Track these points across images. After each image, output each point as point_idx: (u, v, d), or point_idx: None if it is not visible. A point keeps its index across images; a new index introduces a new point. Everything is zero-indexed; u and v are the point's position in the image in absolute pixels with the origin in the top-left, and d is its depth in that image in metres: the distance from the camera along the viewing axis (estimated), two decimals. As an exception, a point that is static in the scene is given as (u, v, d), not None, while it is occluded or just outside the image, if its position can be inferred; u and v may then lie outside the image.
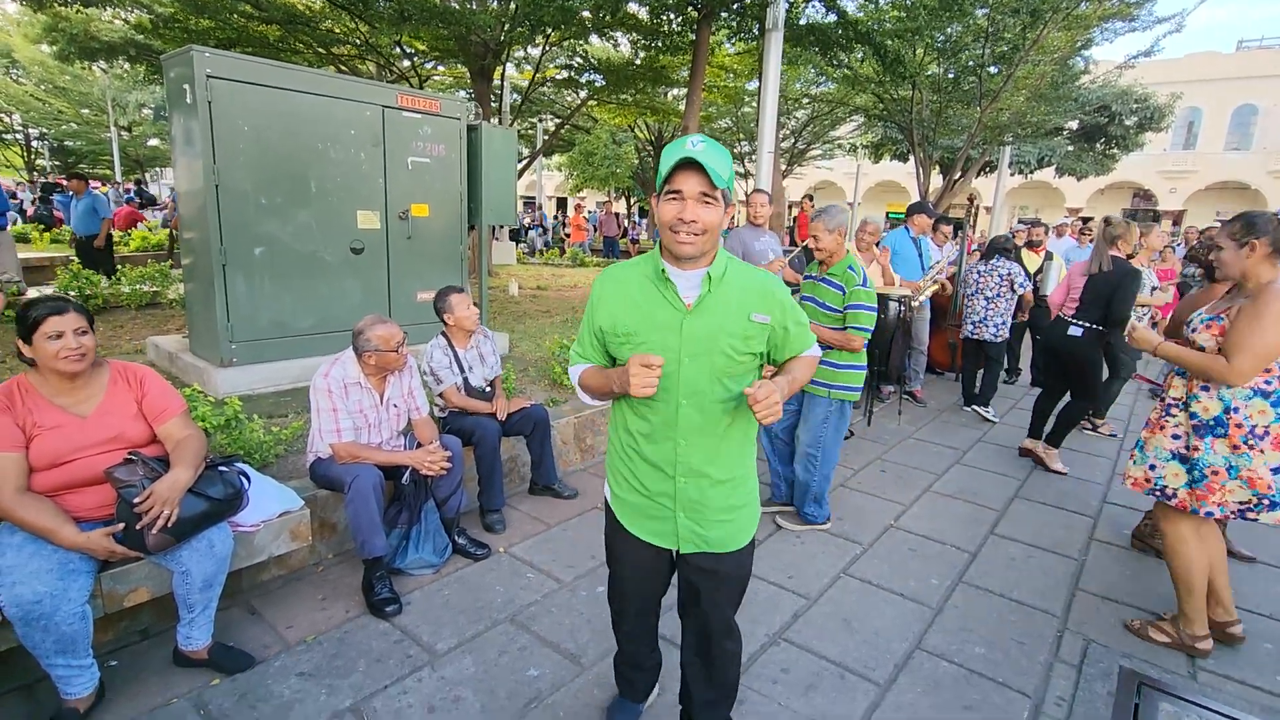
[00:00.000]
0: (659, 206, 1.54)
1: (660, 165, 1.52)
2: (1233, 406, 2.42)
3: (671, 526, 1.72)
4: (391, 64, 10.20)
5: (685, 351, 1.58)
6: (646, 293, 1.61)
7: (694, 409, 1.62)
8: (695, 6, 7.62)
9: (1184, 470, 2.53)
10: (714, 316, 1.58)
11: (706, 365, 1.59)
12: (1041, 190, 31.42)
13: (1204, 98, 28.45)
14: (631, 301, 1.62)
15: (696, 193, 1.48)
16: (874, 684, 2.36)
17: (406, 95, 4.67)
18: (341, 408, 2.71)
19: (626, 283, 1.65)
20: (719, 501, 1.69)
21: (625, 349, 1.62)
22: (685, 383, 1.60)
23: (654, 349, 1.58)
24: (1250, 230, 2.38)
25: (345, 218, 4.50)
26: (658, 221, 1.56)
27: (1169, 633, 2.65)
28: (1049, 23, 9.87)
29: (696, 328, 1.58)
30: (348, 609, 2.64)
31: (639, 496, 1.74)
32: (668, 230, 1.53)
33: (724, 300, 1.60)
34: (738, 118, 17.35)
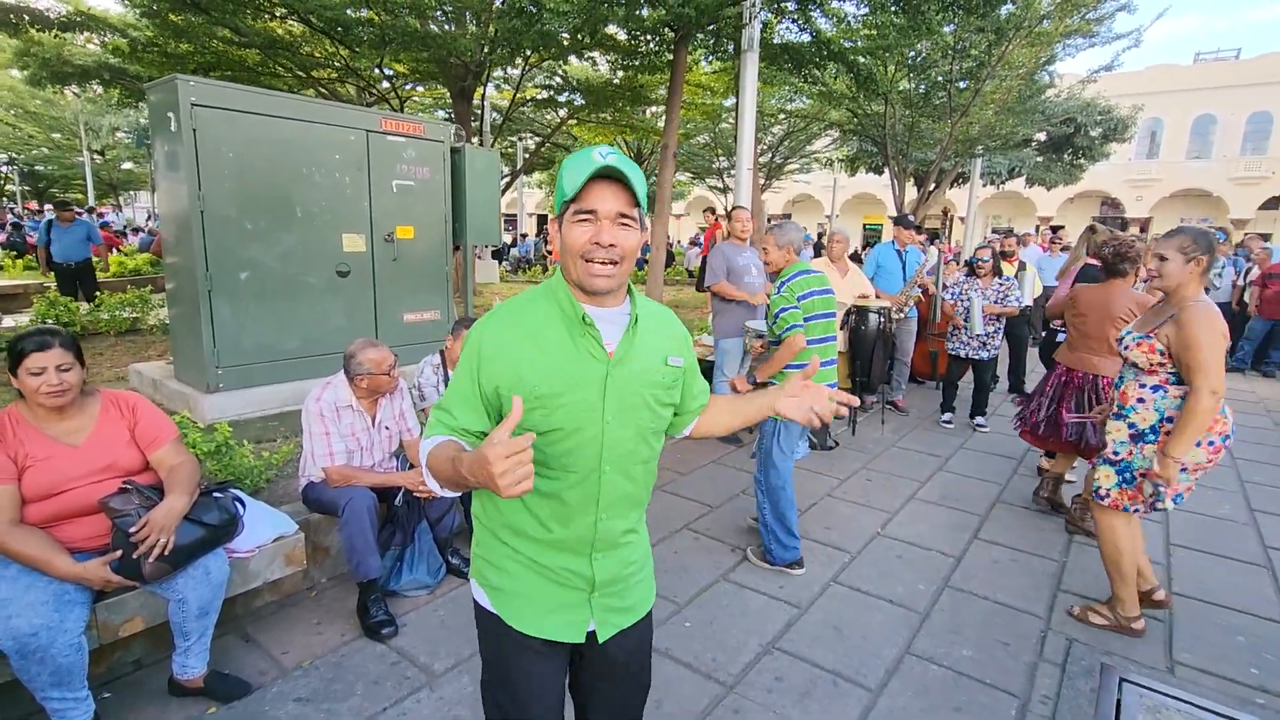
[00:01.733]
0: (563, 230, 1.24)
1: (562, 181, 1.22)
2: (1166, 416, 2.57)
3: (582, 614, 1.35)
4: (372, 86, 10.24)
5: (610, 410, 1.27)
6: (562, 342, 1.26)
7: (620, 475, 1.32)
8: (672, 28, 7.77)
9: (1114, 473, 2.71)
10: (636, 363, 1.30)
11: (633, 423, 1.30)
12: (1014, 200, 32.14)
13: (1165, 109, 29.37)
14: (544, 353, 1.24)
15: (614, 213, 1.20)
16: (866, 689, 2.41)
17: (390, 119, 4.72)
18: (334, 431, 2.73)
19: (530, 329, 1.27)
20: (632, 555, 1.41)
21: (537, 414, 1.23)
22: (610, 447, 1.28)
23: (573, 412, 1.25)
24: (1200, 247, 2.50)
25: (330, 241, 4.52)
26: (563, 249, 1.25)
27: (1105, 615, 2.84)
28: (1013, 39, 10.22)
29: (621, 379, 1.27)
30: (343, 632, 2.64)
31: (536, 578, 1.34)
32: (578, 259, 1.22)
33: (643, 343, 1.32)
34: (715, 134, 17.59)
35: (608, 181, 1.20)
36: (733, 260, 5.00)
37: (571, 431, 1.25)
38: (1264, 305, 8.18)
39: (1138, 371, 2.66)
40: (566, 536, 1.31)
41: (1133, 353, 2.63)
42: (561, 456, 1.27)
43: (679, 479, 4.38)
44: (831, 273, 5.51)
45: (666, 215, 8.74)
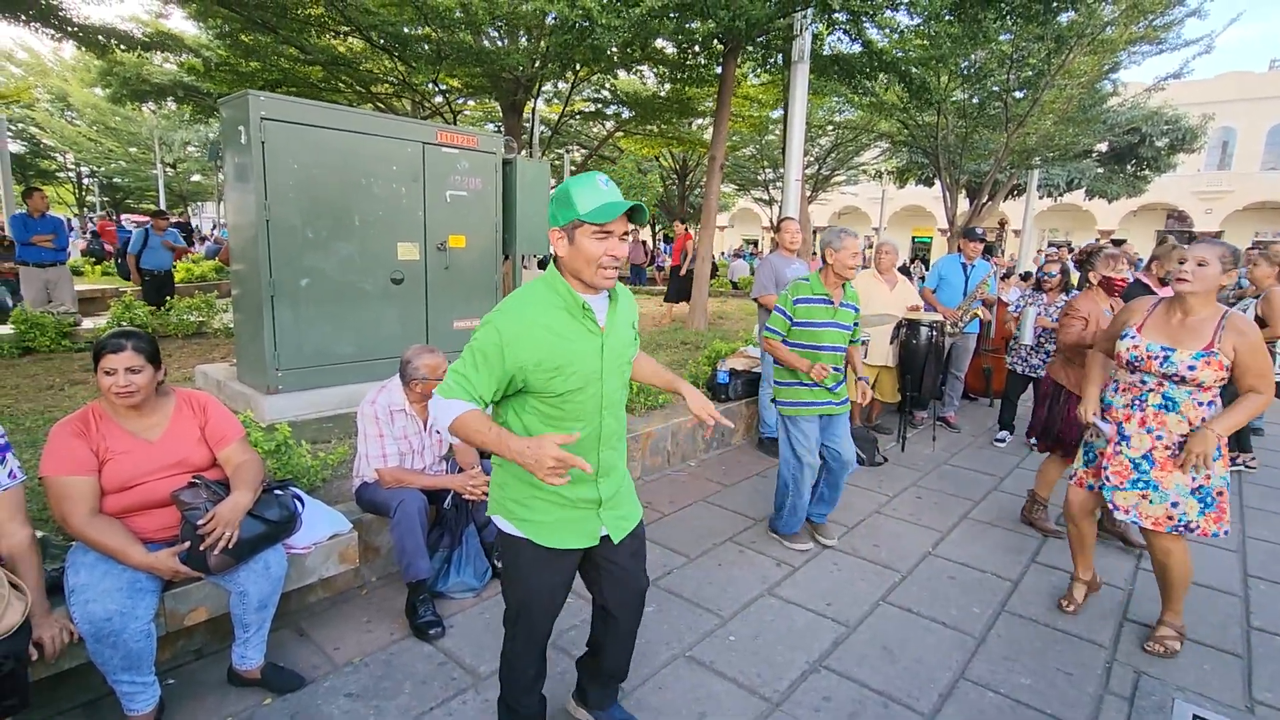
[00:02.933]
0: (579, 242, 1.59)
1: (575, 202, 1.56)
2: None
3: (595, 525, 1.83)
4: (426, 100, 10.56)
5: (606, 370, 1.73)
6: (567, 325, 1.66)
7: (612, 418, 1.81)
8: (722, 41, 7.79)
9: (1196, 501, 2.58)
10: (618, 331, 1.77)
11: (618, 377, 1.80)
12: (1071, 213, 31.05)
13: (1238, 117, 28.02)
14: (556, 335, 1.64)
15: (621, 231, 1.61)
16: (918, 714, 2.33)
17: (445, 132, 4.85)
18: (388, 434, 2.80)
19: (538, 318, 1.63)
20: (621, 476, 1.92)
21: (556, 381, 1.64)
22: (606, 397, 1.76)
23: (582, 375, 1.67)
24: (1233, 262, 2.55)
25: (386, 249, 4.65)
26: (576, 256, 1.61)
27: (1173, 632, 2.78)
28: (1074, 48, 9.90)
29: (611, 345, 1.74)
30: (392, 631, 2.69)
31: (558, 509, 1.78)
32: (594, 266, 1.60)
33: (620, 317, 1.79)
34: (761, 145, 17.53)
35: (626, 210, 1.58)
36: (781, 272, 4.95)
37: (580, 389, 1.69)
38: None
39: (1192, 390, 2.54)
40: (598, 470, 1.79)
41: (1203, 372, 2.49)
42: (575, 410, 1.71)
43: (722, 490, 4.34)
44: (880, 285, 5.41)
45: (713, 226, 8.73)
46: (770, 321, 3.49)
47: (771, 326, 3.47)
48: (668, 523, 3.85)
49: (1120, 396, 2.75)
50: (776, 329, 3.45)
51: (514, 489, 1.79)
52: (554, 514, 1.77)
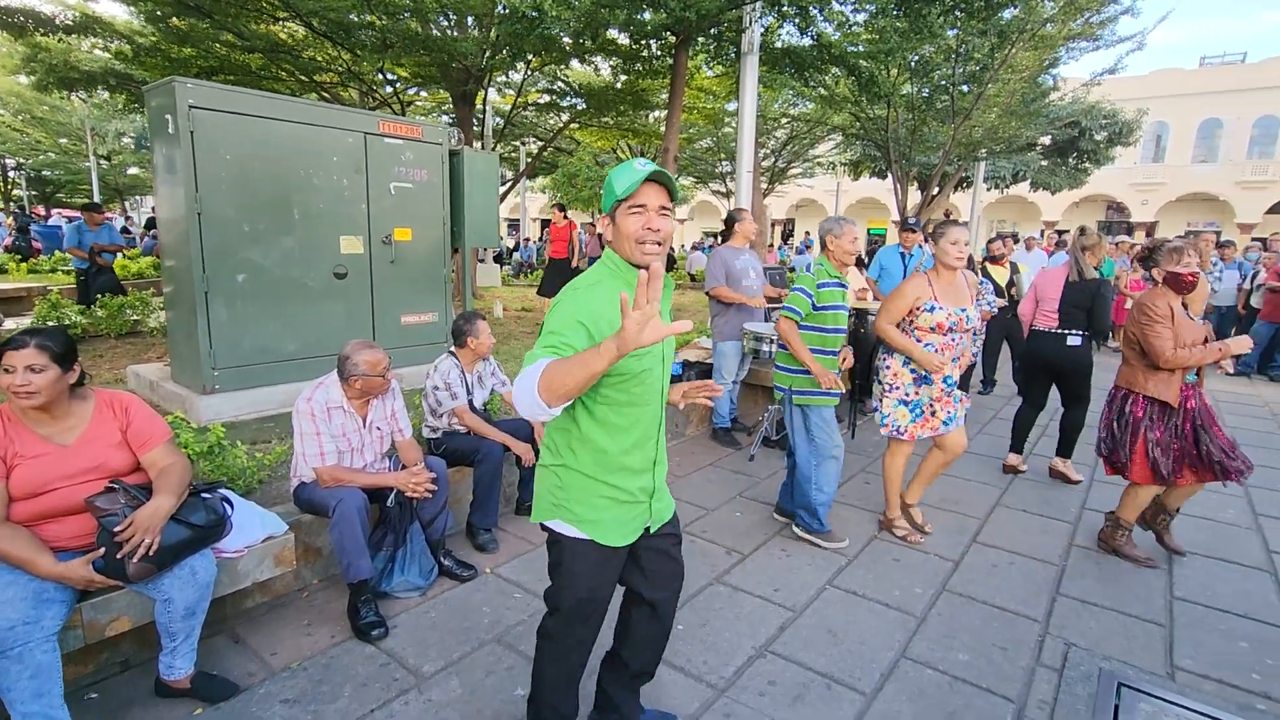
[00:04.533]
0: (619, 221, 1.61)
1: (614, 185, 1.59)
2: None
3: (645, 517, 1.84)
4: (373, 90, 10.29)
5: (665, 350, 1.75)
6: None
7: (661, 405, 1.80)
8: (673, 32, 7.78)
9: (908, 410, 3.45)
10: (666, 317, 1.72)
11: (666, 359, 1.78)
12: (1018, 204, 32.05)
13: (1170, 112, 29.28)
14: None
15: (657, 205, 1.59)
16: (860, 693, 2.38)
17: (388, 122, 4.73)
18: (324, 431, 2.72)
19: (610, 298, 1.59)
20: (665, 464, 1.92)
21: (631, 359, 1.60)
22: (663, 379, 1.76)
23: (652, 353, 1.67)
24: None
25: (328, 243, 4.52)
26: (619, 235, 1.62)
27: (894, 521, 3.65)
28: (1016, 43, 10.18)
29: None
30: (333, 634, 2.63)
31: (618, 506, 1.76)
32: (633, 242, 1.59)
33: (666, 298, 1.77)
34: (718, 138, 17.60)
35: (652, 183, 1.58)
36: (731, 264, 4.98)
37: (649, 370, 1.68)
38: (1268, 308, 8.12)
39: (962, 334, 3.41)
40: (643, 461, 1.77)
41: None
42: (641, 393, 1.69)
43: (676, 481, 4.36)
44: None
45: (667, 218, 8.73)
46: (792, 301, 3.38)
47: (793, 306, 3.37)
48: (620, 515, 3.85)
49: (945, 355, 3.39)
50: (797, 309, 3.36)
51: (578, 489, 1.73)
52: (614, 511, 1.75)
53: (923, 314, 3.36)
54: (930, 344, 3.40)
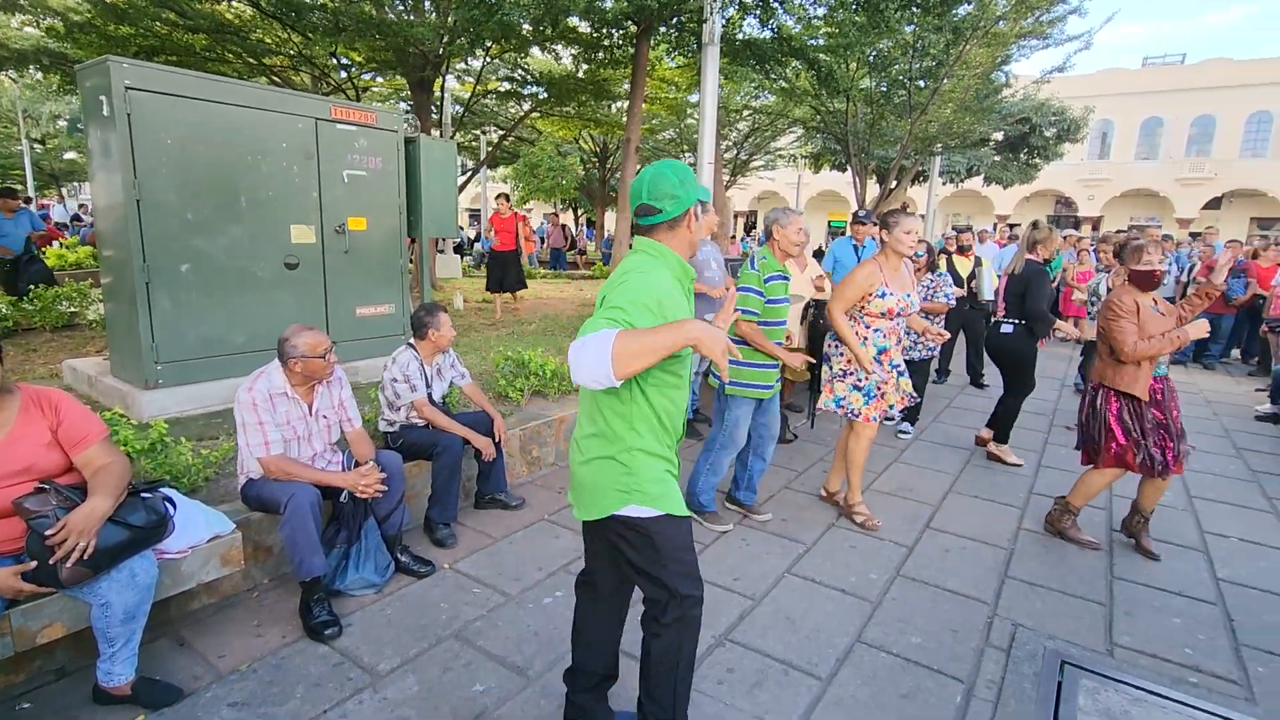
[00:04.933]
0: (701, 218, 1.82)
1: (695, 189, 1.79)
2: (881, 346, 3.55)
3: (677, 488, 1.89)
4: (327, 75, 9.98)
5: None
6: (680, 289, 1.79)
7: None
8: (634, 21, 7.73)
9: (861, 395, 3.55)
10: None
11: None
12: (973, 198, 32.88)
13: (1115, 111, 30.36)
14: (681, 297, 1.77)
15: None
16: (816, 678, 2.42)
17: (340, 107, 4.59)
18: (268, 420, 2.63)
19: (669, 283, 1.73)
20: None
21: None
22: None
23: None
24: None
25: (279, 232, 4.38)
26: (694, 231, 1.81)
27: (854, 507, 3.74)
28: (970, 39, 10.40)
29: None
30: (284, 634, 2.56)
31: (673, 480, 1.83)
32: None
33: None
34: (681, 129, 17.60)
35: None
36: (692, 254, 4.97)
37: (689, 352, 1.78)
38: (1203, 300, 8.48)
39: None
40: (678, 437, 1.86)
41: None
42: (684, 373, 1.81)
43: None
44: (791, 266, 5.54)
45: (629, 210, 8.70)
46: (745, 303, 3.37)
47: (748, 308, 3.38)
48: (581, 507, 3.84)
49: (889, 339, 3.54)
50: (753, 309, 3.38)
51: (648, 468, 1.75)
52: (673, 485, 1.81)
53: (875, 300, 3.45)
54: (879, 329, 3.50)
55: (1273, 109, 28.40)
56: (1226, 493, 4.36)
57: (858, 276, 3.47)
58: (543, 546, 3.34)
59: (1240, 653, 2.66)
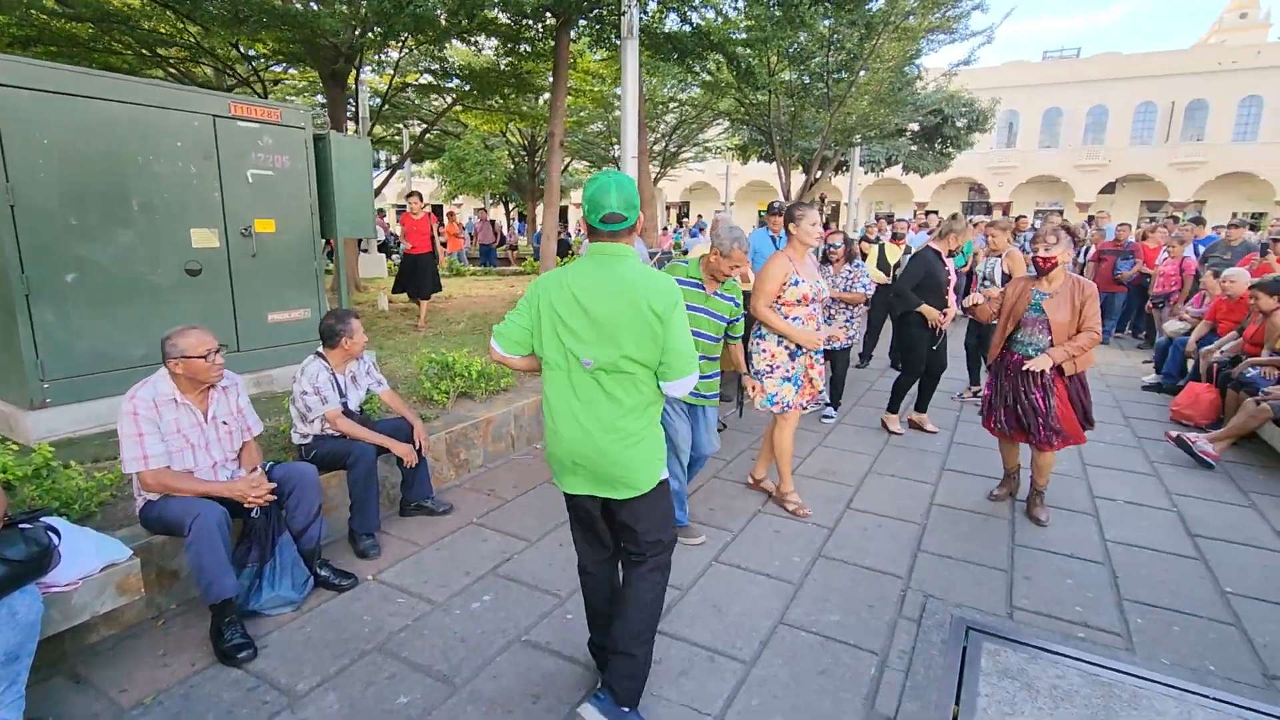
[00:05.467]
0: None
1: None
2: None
3: None
4: (230, 68, 9.45)
5: None
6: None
7: None
8: (553, 13, 7.64)
9: (791, 385, 3.65)
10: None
11: None
12: (893, 186, 34.17)
13: (1019, 102, 32.10)
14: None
15: None
16: (741, 662, 2.49)
17: (240, 104, 4.37)
18: (150, 431, 2.49)
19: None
20: None
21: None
22: None
23: None
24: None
25: (177, 236, 4.14)
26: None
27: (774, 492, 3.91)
28: (882, 33, 10.78)
29: None
30: (193, 661, 2.44)
31: None
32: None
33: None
34: (609, 122, 17.55)
35: None
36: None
37: None
38: (1096, 280, 9.14)
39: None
40: None
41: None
42: None
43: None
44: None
45: (556, 204, 8.64)
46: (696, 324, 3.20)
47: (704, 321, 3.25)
48: (510, 508, 3.81)
49: (808, 325, 3.63)
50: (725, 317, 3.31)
51: (660, 447, 2.12)
52: None
53: (790, 289, 3.56)
54: (797, 317, 3.60)
55: (1157, 100, 30.67)
56: (1115, 459, 4.72)
57: (772, 270, 3.56)
58: (470, 551, 3.30)
59: (1123, 607, 2.89)
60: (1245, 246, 7.83)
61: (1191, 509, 3.90)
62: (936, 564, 3.25)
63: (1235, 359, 5.44)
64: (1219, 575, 3.16)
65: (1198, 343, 6.21)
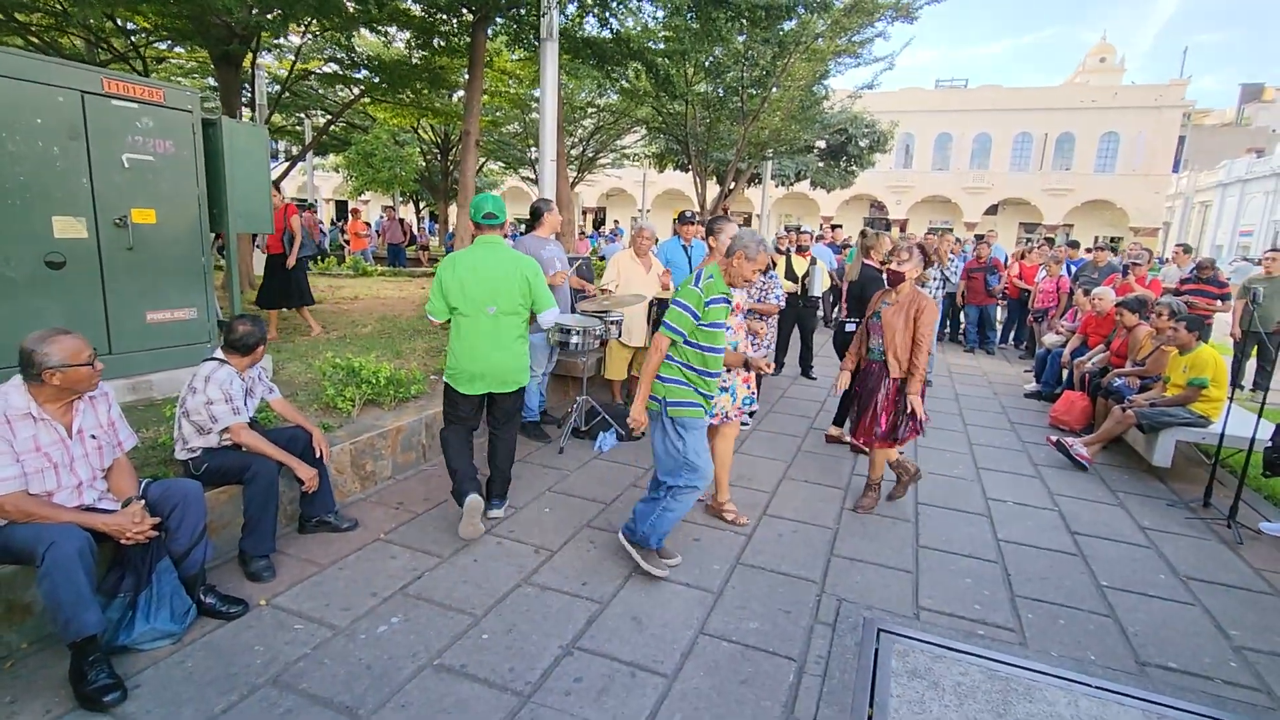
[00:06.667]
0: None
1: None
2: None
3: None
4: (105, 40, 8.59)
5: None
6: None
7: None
8: (470, 9, 7.43)
9: (728, 394, 3.74)
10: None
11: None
12: (801, 200, 35.62)
13: (915, 125, 34.28)
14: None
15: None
16: (662, 676, 2.46)
17: (116, 80, 3.95)
18: (3, 450, 2.19)
19: None
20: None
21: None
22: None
23: None
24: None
25: (35, 225, 3.69)
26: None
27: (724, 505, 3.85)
28: (793, 53, 11.20)
29: None
30: (49, 707, 2.15)
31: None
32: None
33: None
34: (525, 123, 17.30)
35: None
36: (537, 253, 4.88)
37: None
38: (969, 294, 9.85)
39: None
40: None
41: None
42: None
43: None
44: (637, 265, 5.63)
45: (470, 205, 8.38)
46: (674, 319, 3.01)
47: (675, 325, 3.01)
48: (421, 522, 3.62)
49: (738, 335, 3.74)
50: (680, 329, 3.01)
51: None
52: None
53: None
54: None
55: (1033, 130, 33.61)
56: (1003, 462, 5.07)
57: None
58: (377, 569, 3.11)
59: (1016, 603, 3.09)
60: (1110, 267, 8.68)
61: (1070, 508, 4.23)
62: (848, 567, 3.35)
63: (1104, 369, 5.98)
64: (1095, 569, 3.44)
65: (1071, 354, 6.79)
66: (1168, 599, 3.19)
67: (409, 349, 5.81)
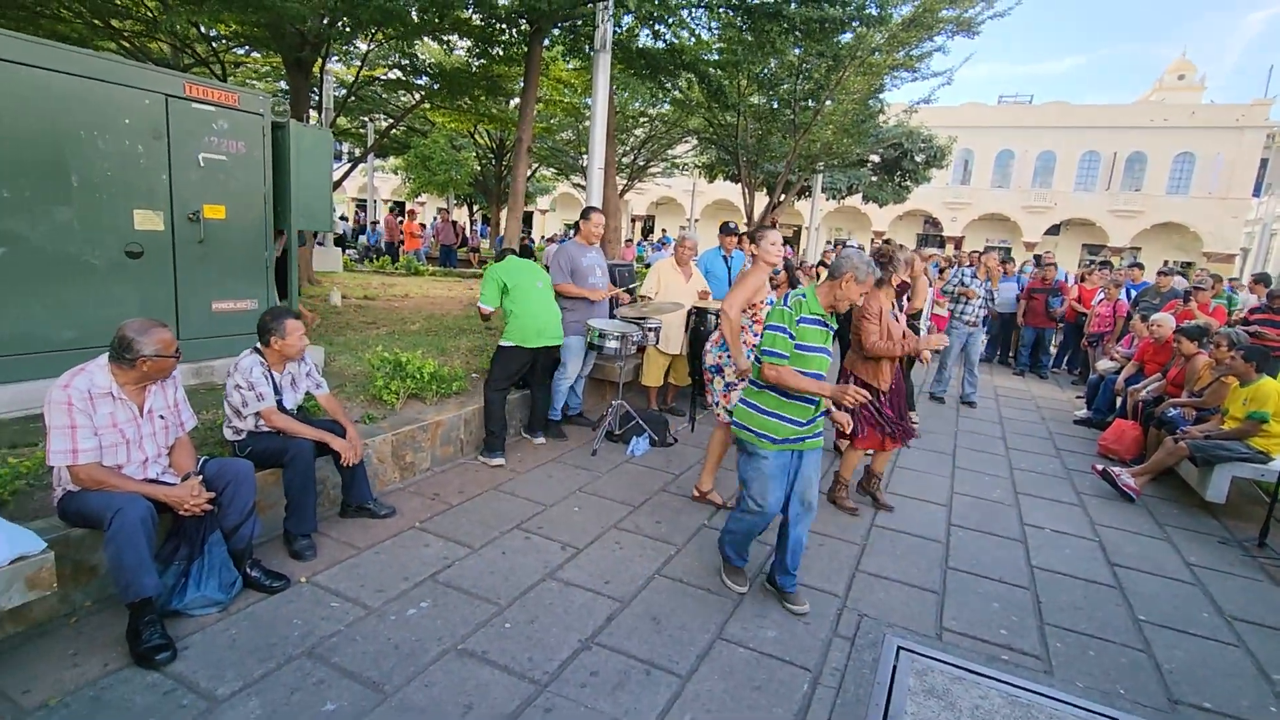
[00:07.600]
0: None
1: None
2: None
3: None
4: (189, 46, 9.14)
5: None
6: None
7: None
8: (527, 20, 7.65)
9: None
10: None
11: None
12: (853, 214, 35.09)
13: (974, 141, 33.40)
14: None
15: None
16: (677, 676, 2.50)
17: (197, 85, 4.23)
18: (84, 424, 2.39)
19: None
20: None
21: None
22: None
23: None
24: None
25: (119, 217, 3.97)
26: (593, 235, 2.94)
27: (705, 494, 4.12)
28: (848, 67, 11.12)
29: None
30: (107, 662, 2.33)
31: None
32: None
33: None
34: (579, 130, 17.58)
35: None
36: (577, 261, 5.01)
37: None
38: (1028, 316, 9.58)
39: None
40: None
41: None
42: None
43: (515, 478, 4.32)
44: (677, 274, 5.69)
45: (520, 210, 8.61)
46: (772, 344, 2.87)
47: (776, 350, 2.85)
48: (454, 514, 3.75)
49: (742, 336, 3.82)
50: (782, 353, 2.84)
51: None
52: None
53: (764, 307, 3.75)
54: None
55: (1100, 150, 32.36)
56: (1045, 489, 4.93)
57: (753, 280, 3.82)
58: (410, 555, 3.24)
59: (1044, 631, 3.02)
60: (1172, 293, 8.31)
61: (1112, 539, 4.10)
62: (872, 584, 3.33)
63: (1159, 399, 5.76)
64: (1134, 603, 3.33)
65: (1126, 381, 6.55)
66: (1209, 638, 3.07)
67: (453, 346, 6.00)
